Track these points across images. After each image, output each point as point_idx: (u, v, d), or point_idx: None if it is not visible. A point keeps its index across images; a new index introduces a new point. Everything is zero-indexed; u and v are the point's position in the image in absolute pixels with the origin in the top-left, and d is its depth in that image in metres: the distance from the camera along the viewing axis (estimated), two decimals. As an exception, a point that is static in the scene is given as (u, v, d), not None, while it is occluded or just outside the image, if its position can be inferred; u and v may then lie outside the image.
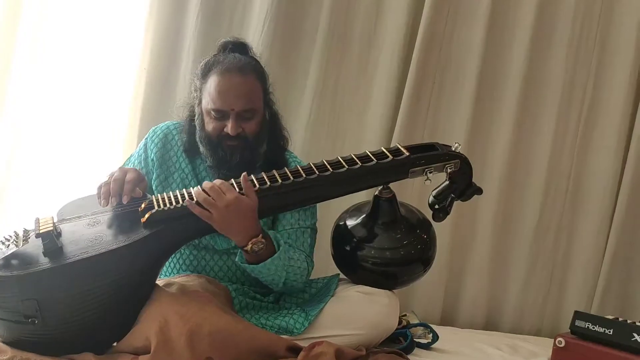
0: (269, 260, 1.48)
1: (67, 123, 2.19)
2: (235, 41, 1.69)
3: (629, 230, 2.21)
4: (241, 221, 1.43)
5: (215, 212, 1.40)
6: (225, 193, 1.41)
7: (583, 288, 2.24)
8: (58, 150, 2.18)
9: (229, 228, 1.44)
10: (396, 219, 1.61)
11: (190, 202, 1.42)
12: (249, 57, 1.67)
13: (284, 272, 1.52)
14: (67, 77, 2.18)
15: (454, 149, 1.53)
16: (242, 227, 1.44)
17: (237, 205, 1.41)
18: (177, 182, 1.67)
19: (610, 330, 1.56)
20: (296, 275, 1.56)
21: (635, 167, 2.19)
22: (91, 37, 2.19)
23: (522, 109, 2.24)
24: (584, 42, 2.23)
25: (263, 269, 1.49)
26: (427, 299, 2.24)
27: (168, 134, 1.72)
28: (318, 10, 2.24)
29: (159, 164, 1.69)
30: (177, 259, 1.65)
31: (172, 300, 1.38)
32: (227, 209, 1.40)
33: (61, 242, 1.37)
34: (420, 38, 2.19)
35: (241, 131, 1.57)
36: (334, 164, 1.49)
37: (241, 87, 1.57)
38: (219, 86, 1.56)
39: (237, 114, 1.56)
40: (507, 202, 2.26)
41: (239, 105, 1.56)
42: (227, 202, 1.40)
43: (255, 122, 1.59)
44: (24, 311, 1.30)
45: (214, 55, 1.66)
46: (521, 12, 2.23)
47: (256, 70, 1.63)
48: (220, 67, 1.58)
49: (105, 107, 2.21)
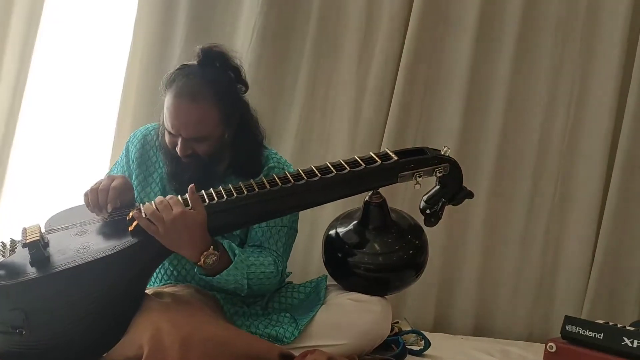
0: (225, 272, 1.47)
1: (56, 131, 2.18)
2: (210, 50, 1.58)
3: (617, 236, 2.21)
4: (188, 236, 1.39)
5: (161, 227, 1.37)
6: (172, 208, 1.39)
7: (572, 293, 2.25)
8: (46, 158, 2.17)
9: (177, 243, 1.40)
10: (387, 224, 1.61)
11: (138, 213, 1.40)
12: (217, 70, 1.57)
13: (245, 280, 1.50)
14: (56, 86, 2.18)
15: (443, 153, 1.53)
16: (189, 242, 1.41)
17: (184, 219, 1.38)
18: (156, 182, 1.67)
19: (600, 334, 1.56)
20: (261, 279, 1.53)
21: (622, 173, 2.20)
22: (80, 45, 2.19)
23: (509, 116, 2.25)
24: (568, 51, 2.25)
25: (221, 280, 1.48)
26: (419, 306, 2.24)
27: (147, 135, 1.72)
28: (307, 19, 2.24)
29: (138, 164, 1.69)
30: (160, 269, 1.64)
31: (163, 308, 1.37)
32: (173, 224, 1.37)
33: (48, 251, 1.36)
34: (410, 47, 2.20)
35: (190, 152, 1.55)
36: (323, 169, 1.49)
37: (189, 116, 1.52)
38: (169, 109, 1.53)
39: (184, 139, 1.53)
40: (496, 208, 2.27)
41: (185, 133, 1.53)
42: (174, 216, 1.37)
43: (207, 145, 1.56)
44: (11, 322, 1.28)
45: (181, 66, 1.59)
46: (507, 21, 2.24)
47: (215, 92, 1.54)
48: (174, 89, 1.53)
49: (95, 115, 2.21)
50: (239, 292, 1.55)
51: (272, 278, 1.56)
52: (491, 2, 2.24)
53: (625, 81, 2.22)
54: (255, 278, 1.53)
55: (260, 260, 1.55)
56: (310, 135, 2.27)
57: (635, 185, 2.22)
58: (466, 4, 2.24)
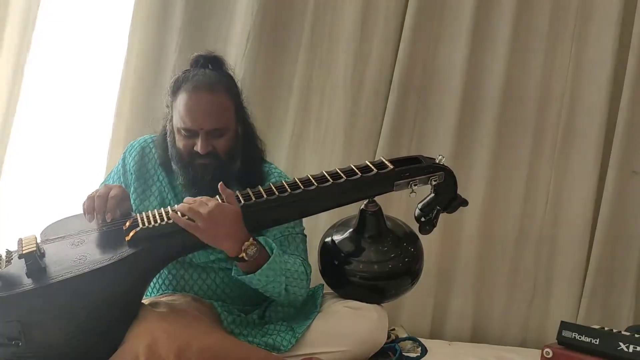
0: (266, 266, 1.45)
1: (50, 140, 2.17)
2: (208, 55, 1.65)
3: (611, 241, 2.22)
4: (228, 227, 1.40)
5: (200, 221, 1.38)
6: (207, 202, 1.40)
7: (567, 298, 2.25)
8: (42, 168, 2.16)
9: (217, 236, 1.41)
10: (382, 232, 1.62)
11: (174, 214, 1.41)
12: (221, 72, 1.63)
13: (283, 277, 1.49)
14: (51, 93, 2.17)
15: (438, 162, 1.54)
16: (230, 233, 1.41)
17: (221, 210, 1.39)
18: (154, 195, 1.66)
19: (596, 340, 1.57)
20: (295, 280, 1.52)
21: (616, 177, 2.21)
22: (75, 55, 2.19)
23: (504, 122, 2.27)
24: (559, 59, 2.27)
25: (261, 276, 1.46)
26: (415, 313, 2.24)
27: (145, 147, 1.72)
28: (301, 26, 2.25)
29: (137, 176, 1.68)
30: (157, 279, 1.63)
31: (159, 318, 1.37)
32: (210, 216, 1.38)
33: (45, 262, 1.36)
34: (403, 54, 2.22)
35: (212, 149, 1.55)
36: (319, 178, 1.50)
37: (210, 105, 1.54)
38: (187, 105, 1.54)
39: (206, 133, 1.54)
40: (490, 214, 2.28)
41: (208, 125, 1.54)
42: (211, 208, 1.38)
43: (226, 139, 1.57)
44: (7, 333, 1.28)
45: (185, 71, 1.63)
46: (501, 26, 2.26)
47: (227, 86, 1.59)
48: (189, 85, 1.56)
49: (89, 124, 2.20)
50: (275, 295, 1.52)
51: (304, 280, 1.56)
52: (485, 8, 2.26)
53: (616, 87, 2.24)
54: (291, 277, 1.52)
55: (293, 260, 1.55)
56: (305, 143, 2.27)
57: (628, 190, 2.24)
58: (460, 10, 2.25)
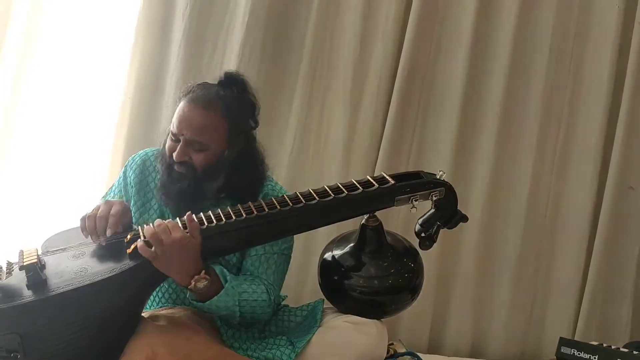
0: (216, 298, 1.46)
1: (52, 150, 2.17)
2: (230, 74, 1.66)
3: (608, 255, 2.23)
4: (182, 260, 1.39)
5: (159, 249, 1.37)
6: (171, 231, 1.39)
7: (565, 314, 2.26)
8: (40, 179, 2.16)
9: (170, 267, 1.40)
10: (383, 247, 1.62)
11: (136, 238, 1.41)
12: (232, 93, 1.62)
13: (237, 307, 1.50)
14: (52, 104, 2.17)
15: (439, 177, 1.55)
16: (182, 266, 1.40)
17: (182, 245, 1.38)
18: (154, 209, 1.67)
19: (595, 356, 1.58)
20: (253, 308, 1.53)
21: (613, 194, 2.23)
22: (76, 65, 2.19)
23: (503, 139, 2.28)
24: (560, 74, 2.29)
25: (212, 306, 1.47)
26: (414, 328, 2.24)
27: (146, 160, 1.72)
28: (301, 40, 2.26)
29: (137, 189, 1.69)
30: (157, 292, 1.63)
31: (159, 331, 1.37)
32: (171, 247, 1.37)
33: (45, 274, 1.35)
34: (404, 68, 2.23)
35: (188, 159, 1.57)
36: (320, 193, 1.50)
37: (198, 118, 1.56)
38: (180, 111, 1.58)
39: (186, 141, 1.56)
40: (489, 230, 2.28)
41: (190, 134, 1.56)
42: (173, 240, 1.37)
43: (205, 155, 1.57)
44: (6, 346, 1.27)
45: (200, 83, 1.66)
46: (500, 41, 2.27)
47: (228, 108, 1.58)
48: (190, 95, 1.60)
49: (89, 135, 2.20)
50: (231, 320, 1.55)
51: (265, 307, 1.56)
52: (484, 23, 2.27)
53: (614, 104, 2.26)
54: (248, 306, 1.52)
55: (253, 288, 1.55)
56: (305, 156, 2.28)
57: (625, 206, 2.25)
58: (460, 24, 2.27)
